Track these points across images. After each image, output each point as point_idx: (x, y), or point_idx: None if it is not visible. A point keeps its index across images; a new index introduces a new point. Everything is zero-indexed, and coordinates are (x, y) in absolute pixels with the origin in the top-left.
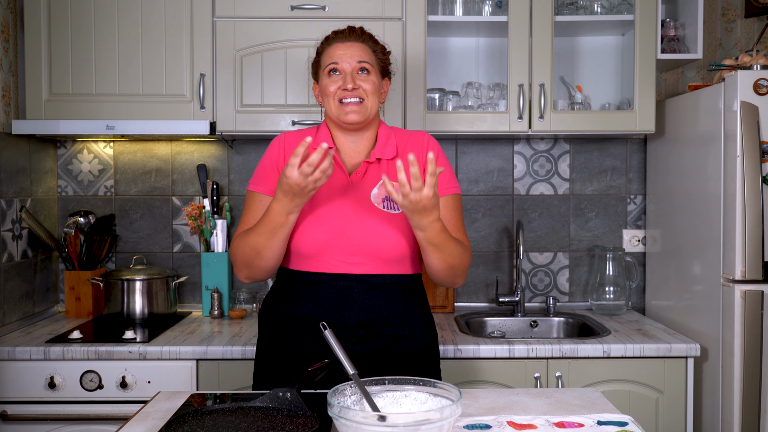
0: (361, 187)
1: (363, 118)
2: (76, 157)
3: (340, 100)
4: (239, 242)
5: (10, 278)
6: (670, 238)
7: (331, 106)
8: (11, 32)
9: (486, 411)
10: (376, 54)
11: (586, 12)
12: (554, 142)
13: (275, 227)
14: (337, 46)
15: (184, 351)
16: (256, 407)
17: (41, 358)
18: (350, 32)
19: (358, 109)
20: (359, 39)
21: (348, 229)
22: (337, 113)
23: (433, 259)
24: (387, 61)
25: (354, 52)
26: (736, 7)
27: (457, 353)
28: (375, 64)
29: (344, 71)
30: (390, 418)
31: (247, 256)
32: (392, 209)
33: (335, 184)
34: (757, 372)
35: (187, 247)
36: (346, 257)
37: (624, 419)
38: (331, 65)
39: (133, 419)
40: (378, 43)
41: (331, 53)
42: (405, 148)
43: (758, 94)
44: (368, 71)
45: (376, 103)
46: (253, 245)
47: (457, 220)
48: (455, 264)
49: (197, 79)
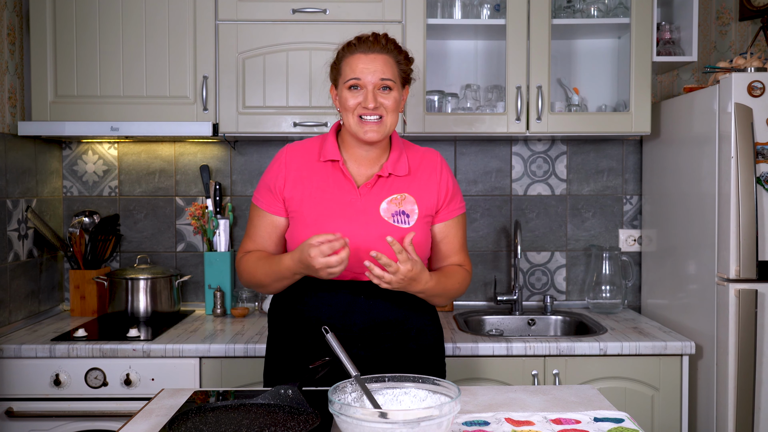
0: (369, 199)
1: (382, 136)
2: (81, 158)
3: (360, 116)
4: (246, 266)
5: (16, 277)
6: (665, 237)
7: (350, 121)
8: (17, 35)
9: (484, 408)
10: (399, 65)
11: (582, 15)
12: (551, 143)
13: (281, 278)
14: (359, 58)
15: (187, 349)
16: (258, 404)
17: (47, 356)
18: (374, 41)
19: (377, 128)
20: (383, 50)
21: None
22: (356, 130)
23: (437, 302)
24: (409, 70)
25: (377, 67)
26: (730, 11)
27: (456, 351)
28: (397, 77)
29: (366, 87)
30: (390, 414)
31: (252, 283)
32: (403, 223)
33: (343, 197)
34: (750, 369)
35: (190, 247)
36: (356, 267)
37: (620, 416)
38: (352, 80)
39: (137, 416)
40: (401, 51)
41: (353, 65)
42: (418, 168)
43: (752, 96)
44: (390, 88)
45: (395, 120)
46: (259, 279)
47: (461, 240)
48: (453, 295)
49: (200, 82)
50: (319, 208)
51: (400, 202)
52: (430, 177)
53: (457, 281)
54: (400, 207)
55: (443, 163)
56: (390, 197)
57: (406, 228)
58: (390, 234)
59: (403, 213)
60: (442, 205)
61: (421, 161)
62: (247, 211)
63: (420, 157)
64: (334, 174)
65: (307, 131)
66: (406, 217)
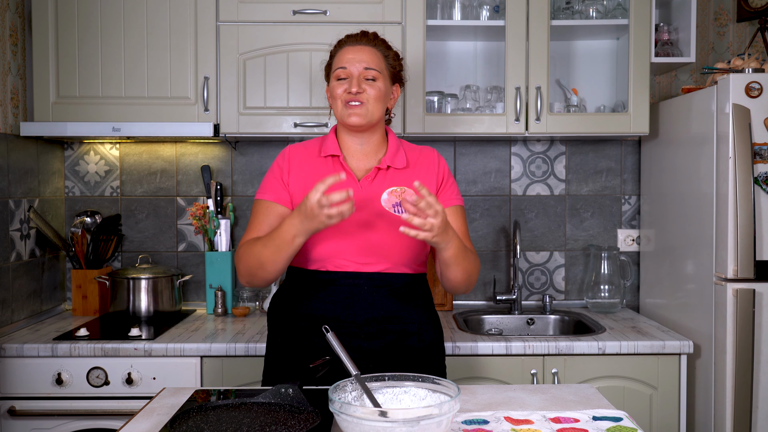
0: (370, 191)
1: (365, 121)
2: (83, 158)
3: (346, 103)
4: (245, 250)
5: (19, 277)
6: (663, 237)
7: (337, 108)
8: (19, 36)
9: (484, 406)
10: (388, 60)
11: (581, 16)
12: (550, 143)
13: (281, 244)
14: (347, 50)
15: (188, 348)
16: (259, 403)
17: (49, 355)
18: (362, 36)
19: (360, 112)
20: (370, 43)
21: (360, 232)
22: (341, 115)
23: (455, 272)
24: (399, 67)
25: (362, 57)
26: (728, 12)
27: (456, 350)
28: (385, 70)
29: (351, 75)
30: (390, 413)
31: (251, 266)
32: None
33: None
34: (748, 368)
35: (191, 247)
36: (357, 258)
37: (618, 414)
38: (339, 69)
39: (138, 415)
40: (391, 48)
41: (341, 57)
42: (417, 163)
43: (750, 96)
44: (375, 78)
45: (379, 109)
46: (258, 256)
47: (462, 230)
48: (472, 271)
49: (201, 82)
50: None
51: (401, 194)
52: (429, 170)
53: (471, 254)
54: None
55: (440, 157)
56: (390, 189)
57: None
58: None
59: None
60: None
61: (419, 156)
62: (247, 211)
63: (418, 153)
64: (335, 168)
65: (308, 131)
66: None
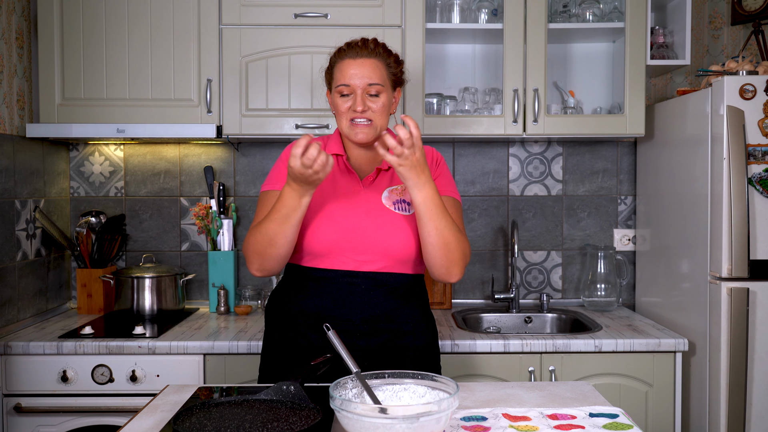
0: (372, 190)
1: (371, 138)
2: (88, 159)
3: (351, 119)
4: (252, 233)
5: (25, 276)
6: (659, 237)
7: (342, 124)
8: (25, 39)
9: (482, 403)
10: (389, 67)
11: (578, 20)
12: (548, 144)
13: (288, 211)
14: (349, 64)
15: (191, 346)
16: (261, 400)
17: (54, 353)
18: (363, 46)
19: (367, 130)
20: (371, 54)
21: (359, 228)
22: (348, 132)
23: (430, 230)
24: (400, 72)
25: (365, 72)
26: (722, 15)
27: (455, 348)
28: (386, 80)
29: (355, 92)
30: (390, 410)
31: (260, 244)
32: (404, 210)
33: (347, 188)
34: (742, 366)
35: (194, 246)
36: (356, 255)
37: (615, 411)
38: (341, 86)
39: (142, 411)
40: (391, 54)
41: (343, 71)
42: None
43: (744, 98)
44: (378, 93)
45: (384, 120)
46: (266, 232)
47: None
48: (450, 240)
49: (204, 84)
50: (325, 195)
51: (401, 192)
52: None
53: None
54: (400, 196)
55: (435, 152)
56: (391, 187)
57: (407, 215)
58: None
59: (403, 201)
60: None
61: None
62: (249, 211)
63: None
64: (338, 167)
65: (309, 133)
66: (407, 205)
